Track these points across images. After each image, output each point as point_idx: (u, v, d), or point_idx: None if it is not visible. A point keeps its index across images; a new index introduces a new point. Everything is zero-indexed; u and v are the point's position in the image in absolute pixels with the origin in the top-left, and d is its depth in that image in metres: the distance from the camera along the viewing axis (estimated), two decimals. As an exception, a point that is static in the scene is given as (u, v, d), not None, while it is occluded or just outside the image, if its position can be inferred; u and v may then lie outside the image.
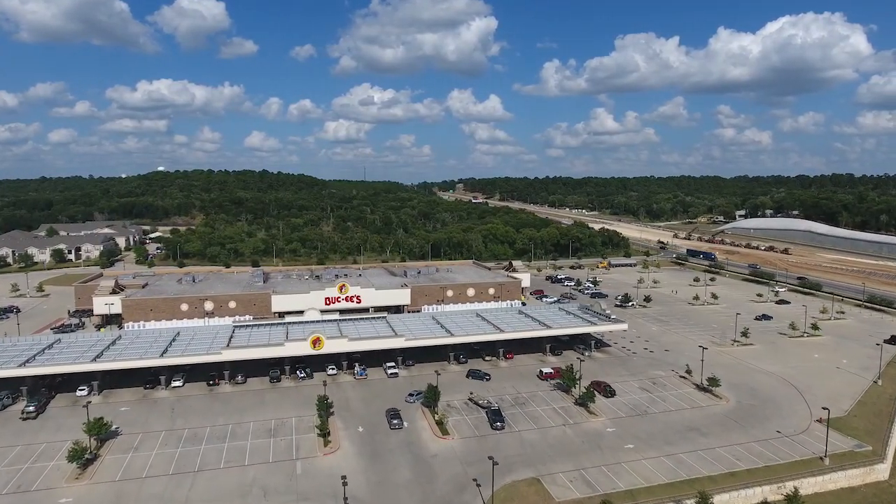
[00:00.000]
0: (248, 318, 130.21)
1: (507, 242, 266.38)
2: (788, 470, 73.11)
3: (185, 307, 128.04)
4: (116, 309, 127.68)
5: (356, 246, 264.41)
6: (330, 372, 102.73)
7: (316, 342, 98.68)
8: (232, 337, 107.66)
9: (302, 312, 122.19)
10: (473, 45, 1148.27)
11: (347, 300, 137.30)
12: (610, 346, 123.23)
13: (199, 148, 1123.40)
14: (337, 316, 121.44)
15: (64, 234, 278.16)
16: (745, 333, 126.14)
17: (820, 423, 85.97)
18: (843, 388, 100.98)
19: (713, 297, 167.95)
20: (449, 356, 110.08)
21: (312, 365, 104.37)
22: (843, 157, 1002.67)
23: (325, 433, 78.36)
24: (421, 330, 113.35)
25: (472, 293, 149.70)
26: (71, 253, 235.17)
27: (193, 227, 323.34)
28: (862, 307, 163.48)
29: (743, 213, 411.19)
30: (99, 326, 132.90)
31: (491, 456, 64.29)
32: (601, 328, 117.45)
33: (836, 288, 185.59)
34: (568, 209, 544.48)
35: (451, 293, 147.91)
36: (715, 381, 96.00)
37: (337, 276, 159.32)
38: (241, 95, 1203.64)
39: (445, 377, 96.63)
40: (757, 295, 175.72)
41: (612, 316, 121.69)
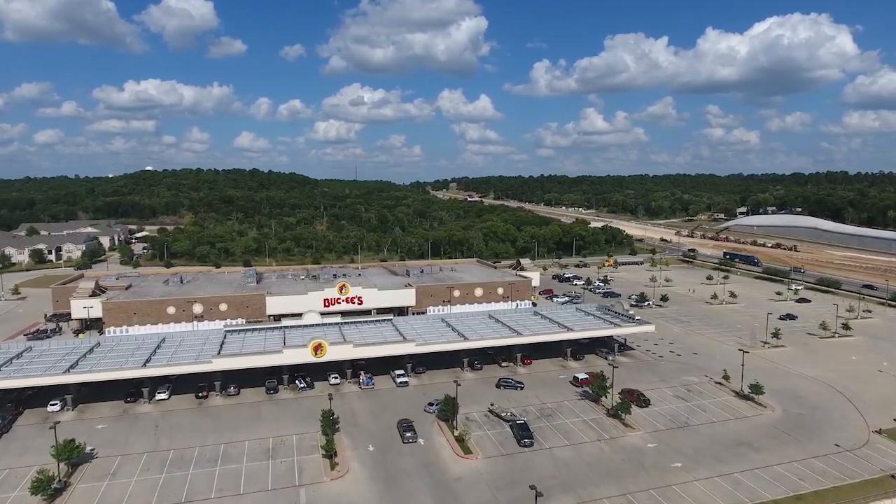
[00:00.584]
0: (240, 321, 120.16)
1: (508, 240, 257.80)
2: (860, 491, 64.45)
3: (171, 310, 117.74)
4: (96, 313, 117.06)
5: (352, 245, 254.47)
6: (333, 381, 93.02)
7: (317, 349, 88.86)
8: (223, 343, 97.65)
9: (300, 315, 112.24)
10: (464, 45, 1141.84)
11: (348, 301, 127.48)
12: (633, 349, 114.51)
13: (187, 149, 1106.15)
14: (339, 319, 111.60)
15: (45, 233, 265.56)
16: (775, 334, 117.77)
17: (879, 434, 77.83)
18: (891, 392, 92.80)
19: (731, 295, 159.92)
20: (463, 362, 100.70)
21: (313, 373, 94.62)
22: (829, 156, 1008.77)
23: (331, 454, 68.72)
24: (431, 334, 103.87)
25: (479, 293, 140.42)
26: (51, 253, 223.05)
27: (182, 226, 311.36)
28: (886, 305, 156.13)
29: (744, 210, 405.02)
30: (77, 332, 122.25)
31: (533, 486, 54.83)
32: (626, 330, 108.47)
33: (853, 285, 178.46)
34: (564, 207, 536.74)
35: (457, 293, 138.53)
36: (758, 387, 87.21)
37: (335, 275, 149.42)
38: (230, 95, 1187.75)
39: (462, 386, 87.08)
40: (776, 293, 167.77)
41: (636, 317, 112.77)
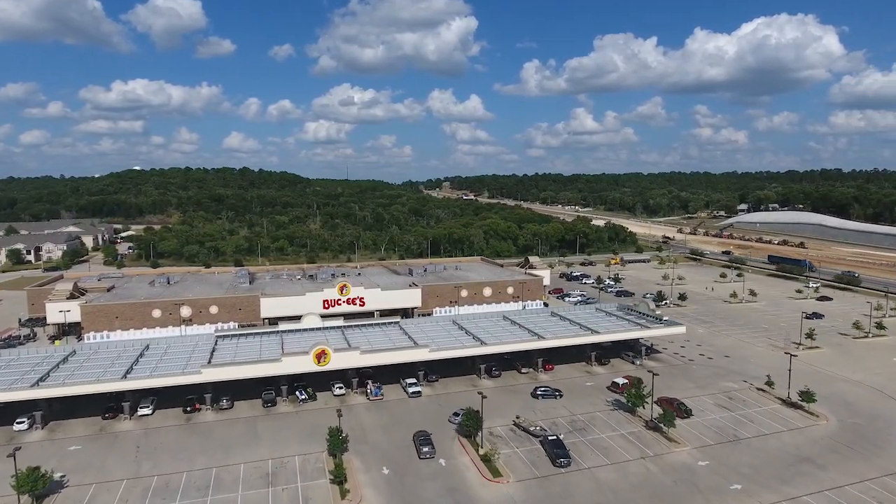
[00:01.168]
0: (232, 325, 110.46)
1: (509, 238, 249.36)
2: (951, 517, 56.23)
3: (157, 313, 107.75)
4: (74, 317, 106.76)
5: (348, 244, 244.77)
6: (337, 392, 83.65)
7: (321, 356, 79.41)
8: (214, 350, 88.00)
9: (298, 318, 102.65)
10: (454, 44, 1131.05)
11: (349, 303, 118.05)
12: (660, 352, 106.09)
13: (176, 149, 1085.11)
14: (341, 322, 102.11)
15: (25, 233, 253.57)
16: (810, 335, 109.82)
17: (952, 447, 69.73)
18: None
19: (751, 294, 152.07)
20: (479, 369, 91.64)
21: (315, 383, 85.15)
22: (816, 155, 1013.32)
23: (340, 479, 59.45)
24: (444, 338, 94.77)
25: (488, 293, 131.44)
26: (30, 253, 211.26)
27: (170, 225, 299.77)
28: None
29: (745, 207, 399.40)
30: (53, 338, 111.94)
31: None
32: (655, 332, 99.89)
33: (873, 283, 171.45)
34: (561, 206, 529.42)
35: (465, 293, 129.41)
36: (809, 395, 78.88)
37: (334, 275, 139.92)
38: (219, 96, 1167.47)
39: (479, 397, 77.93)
40: (796, 291, 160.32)
41: (664, 317, 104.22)
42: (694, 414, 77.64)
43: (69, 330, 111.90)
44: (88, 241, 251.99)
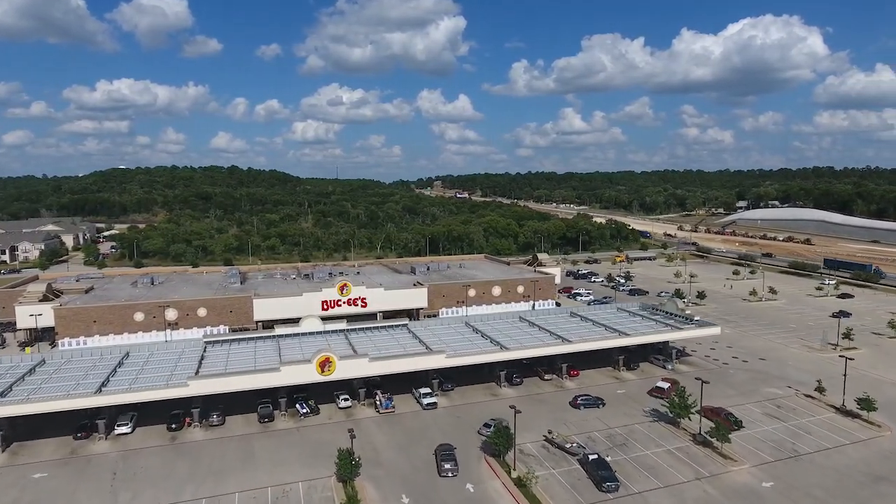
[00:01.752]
0: (222, 329, 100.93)
1: (510, 236, 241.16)
2: None
3: (140, 317, 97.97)
4: (47, 321, 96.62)
5: (343, 242, 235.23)
6: (343, 404, 74.51)
7: (325, 365, 70.21)
8: (203, 358, 78.51)
9: (295, 321, 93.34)
10: (442, 44, 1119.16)
11: (350, 303, 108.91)
12: (690, 355, 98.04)
13: (162, 149, 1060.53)
14: (343, 325, 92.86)
15: (2, 232, 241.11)
16: (847, 335, 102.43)
17: None
18: None
19: (771, 291, 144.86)
20: (499, 376, 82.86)
21: (317, 394, 75.94)
22: (801, 154, 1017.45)
23: (354, 512, 50.51)
24: (458, 342, 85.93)
25: (498, 292, 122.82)
26: (5, 253, 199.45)
27: (155, 224, 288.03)
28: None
29: (744, 204, 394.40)
30: (24, 345, 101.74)
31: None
32: (688, 334, 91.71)
33: (890, 280, 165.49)
34: (555, 204, 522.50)
35: (473, 293, 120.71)
36: (869, 402, 71.01)
37: (331, 274, 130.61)
38: (205, 95, 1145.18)
39: (505, 407, 69.00)
40: (816, 288, 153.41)
41: (695, 317, 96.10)
42: (745, 426, 69.53)
43: (42, 335, 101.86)
44: (68, 240, 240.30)
